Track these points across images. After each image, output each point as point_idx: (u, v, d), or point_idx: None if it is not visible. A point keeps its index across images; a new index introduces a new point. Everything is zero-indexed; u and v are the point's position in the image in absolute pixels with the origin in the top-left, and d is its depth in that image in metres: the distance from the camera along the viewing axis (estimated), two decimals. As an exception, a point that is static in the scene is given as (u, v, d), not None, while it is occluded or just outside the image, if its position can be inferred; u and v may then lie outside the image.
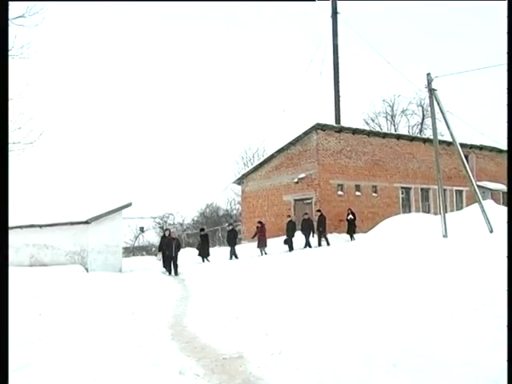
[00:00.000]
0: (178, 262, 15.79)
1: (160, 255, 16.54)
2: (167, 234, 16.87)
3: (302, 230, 19.99)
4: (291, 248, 19.25)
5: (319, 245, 19.69)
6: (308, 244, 19.62)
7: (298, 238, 19.98)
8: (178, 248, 15.86)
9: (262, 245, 19.56)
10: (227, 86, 73.79)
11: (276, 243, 20.37)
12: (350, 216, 21.26)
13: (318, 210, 21.01)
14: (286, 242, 19.72)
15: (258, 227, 20.34)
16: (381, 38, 56.79)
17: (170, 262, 15.63)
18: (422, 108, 41.56)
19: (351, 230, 21.00)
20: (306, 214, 20.95)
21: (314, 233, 19.88)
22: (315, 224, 20.30)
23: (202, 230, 20.81)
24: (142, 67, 76.41)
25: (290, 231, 19.79)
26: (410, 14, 66.79)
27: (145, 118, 76.66)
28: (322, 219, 20.14)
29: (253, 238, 20.50)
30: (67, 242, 16.83)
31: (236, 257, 18.92)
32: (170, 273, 15.44)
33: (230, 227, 20.69)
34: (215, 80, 76.10)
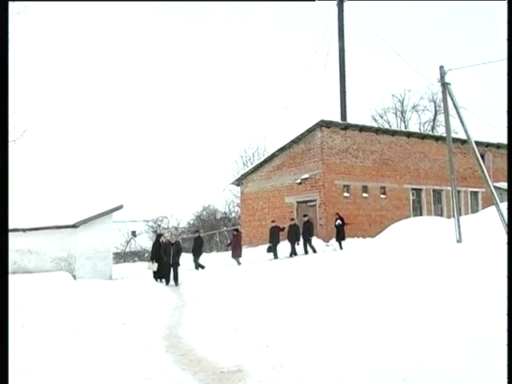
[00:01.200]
0: (179, 270, 14.76)
1: (154, 264, 15.63)
2: (165, 238, 16.12)
3: (288, 237, 19.51)
4: (276, 256, 18.81)
5: (305, 252, 19.21)
6: (294, 252, 19.16)
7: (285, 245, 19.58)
8: (178, 254, 14.73)
9: (236, 255, 18.96)
10: (225, 81, 73.95)
11: (277, 248, 20.32)
12: (338, 221, 20.62)
13: (305, 215, 20.62)
14: (269, 249, 19.24)
15: (233, 235, 19.89)
16: (389, 30, 56.93)
17: (168, 271, 14.58)
18: (435, 103, 41.59)
19: (340, 236, 20.30)
20: (293, 219, 20.50)
21: (298, 240, 19.31)
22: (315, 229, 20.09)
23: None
24: (134, 61, 76.50)
25: (273, 238, 19.38)
26: (421, 5, 66.86)
27: (136, 113, 76.78)
28: (308, 225, 19.75)
29: (228, 246, 19.88)
30: (53, 247, 16.81)
31: (202, 267, 18.09)
32: (167, 282, 14.47)
33: (197, 234, 19.91)
34: (212, 73, 76.25)
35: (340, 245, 20.04)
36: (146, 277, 16.74)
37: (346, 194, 23.73)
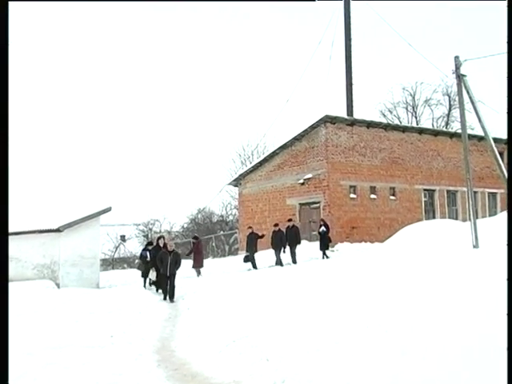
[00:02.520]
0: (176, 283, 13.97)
1: (153, 273, 15.14)
2: (161, 243, 15.72)
3: (272, 245, 19.07)
4: (254, 266, 18.40)
5: (293, 261, 18.73)
6: (279, 261, 18.66)
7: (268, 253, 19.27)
8: (177, 264, 13.87)
9: (197, 265, 18.21)
10: (222, 73, 73.96)
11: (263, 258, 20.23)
12: (323, 228, 20.14)
13: (290, 220, 20.17)
14: (246, 259, 18.73)
15: (193, 243, 19.28)
16: (399, 17, 56.96)
17: (166, 283, 13.75)
18: (449, 97, 41.53)
19: (324, 245, 19.89)
20: (276, 225, 19.80)
21: (284, 247, 18.78)
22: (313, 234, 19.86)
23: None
24: (124, 55, 76.55)
25: (250, 246, 18.92)
26: (434, -10, 66.92)
27: (124, 109, 76.79)
28: (294, 231, 19.16)
29: (187, 255, 19.15)
30: (35, 253, 16.76)
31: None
32: (165, 297, 13.63)
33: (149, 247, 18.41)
34: (207, 64, 76.29)
35: (324, 254, 19.68)
36: (136, 285, 16.71)
37: (352, 196, 23.73)
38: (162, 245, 15.60)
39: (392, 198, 25.07)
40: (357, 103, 25.57)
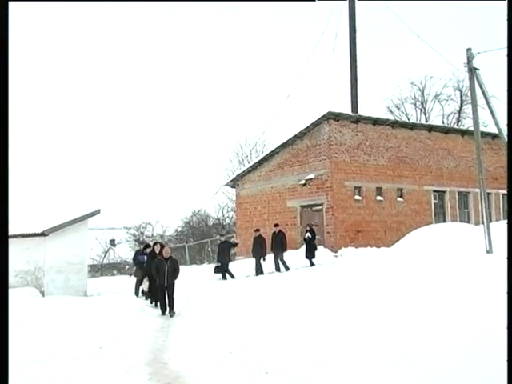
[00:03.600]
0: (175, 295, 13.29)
1: (145, 283, 14.68)
2: (157, 249, 15.29)
3: (253, 252, 19.11)
4: (224, 277, 18.25)
5: (277, 269, 18.70)
6: (259, 270, 18.62)
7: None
8: (175, 273, 13.25)
9: None
10: (218, 67, 73.98)
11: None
12: (308, 234, 20.05)
13: (276, 225, 20.07)
14: (216, 269, 18.54)
15: (137, 251, 18.00)
16: (407, 8, 56.96)
17: (163, 296, 13.05)
18: (461, 92, 41.57)
19: (310, 252, 19.70)
20: (258, 230, 19.82)
21: (264, 255, 18.74)
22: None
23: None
24: (117, 52, 76.58)
25: (223, 256, 18.76)
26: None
27: (111, 103, 76.79)
28: (280, 236, 19.13)
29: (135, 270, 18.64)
30: (18, 258, 16.68)
31: None
32: (163, 311, 12.95)
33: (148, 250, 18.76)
34: (203, 58, 76.32)
35: (311, 262, 19.50)
36: (126, 293, 16.68)
37: (357, 197, 23.73)
38: (158, 251, 15.10)
39: (399, 199, 25.08)
40: (362, 99, 25.55)
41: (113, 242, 39.20)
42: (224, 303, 12.33)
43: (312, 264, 19.47)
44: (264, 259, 18.76)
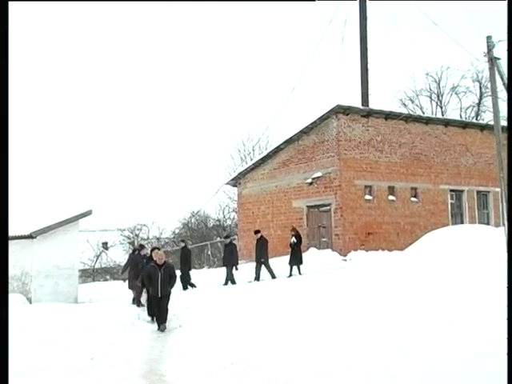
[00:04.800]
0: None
1: (144, 295, 14.02)
2: (145, 251, 15.43)
3: (224, 260, 18.99)
4: (185, 287, 17.95)
5: (257, 279, 18.37)
6: (230, 279, 18.43)
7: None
8: (171, 282, 12.61)
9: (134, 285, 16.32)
10: (218, 58, 73.94)
11: (282, 264, 20.30)
12: (293, 239, 19.67)
13: (257, 231, 19.83)
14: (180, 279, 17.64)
15: (131, 254, 17.71)
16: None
17: (157, 307, 12.39)
18: (480, 84, 41.41)
19: (295, 258, 19.29)
20: (228, 236, 19.65)
21: (236, 264, 18.59)
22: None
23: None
24: (112, 48, 76.66)
25: (184, 263, 18.52)
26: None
27: (104, 98, 76.86)
28: (262, 243, 18.92)
29: (122, 273, 18.18)
30: (4, 262, 16.79)
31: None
32: (159, 324, 12.14)
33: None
34: (204, 49, 76.31)
35: (298, 269, 19.09)
36: (120, 299, 16.69)
37: (367, 197, 23.71)
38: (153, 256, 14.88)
39: (413, 199, 25.04)
40: (373, 91, 25.50)
41: (105, 245, 39.24)
42: (225, 310, 12.34)
43: (299, 272, 18.98)
44: (236, 268, 18.54)
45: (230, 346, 8.77)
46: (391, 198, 24.35)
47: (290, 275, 18.86)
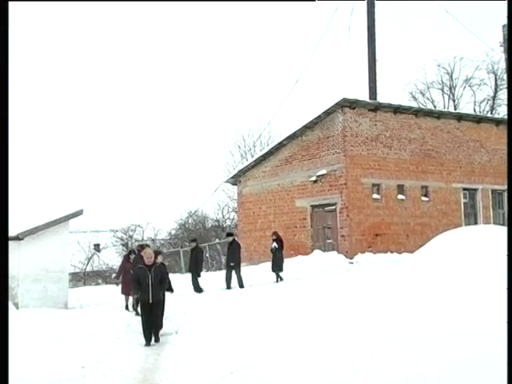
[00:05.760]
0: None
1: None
2: (136, 252, 15.38)
3: (189, 266, 18.86)
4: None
5: (228, 287, 17.99)
6: (195, 287, 18.11)
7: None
8: (162, 285, 11.73)
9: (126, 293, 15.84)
10: (217, 49, 73.93)
11: (285, 266, 20.31)
12: (274, 244, 19.48)
13: (229, 234, 19.90)
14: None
15: (123, 260, 17.20)
16: (434, -21, 56.87)
17: (148, 317, 11.39)
18: (495, 76, 41.27)
19: (277, 264, 19.11)
20: (194, 240, 19.49)
21: (199, 271, 18.31)
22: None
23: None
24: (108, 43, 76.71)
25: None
26: None
27: (98, 94, 76.89)
28: (234, 247, 18.69)
29: (117, 278, 17.41)
30: (-12, 265, 16.78)
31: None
32: (156, 336, 11.37)
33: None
34: (202, 41, 76.29)
35: (278, 276, 18.91)
36: (113, 305, 16.70)
37: (375, 196, 23.73)
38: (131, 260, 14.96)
39: (424, 199, 25.06)
40: (381, 84, 25.57)
41: (97, 247, 39.30)
42: (224, 316, 12.34)
43: (279, 279, 18.79)
44: (199, 275, 18.28)
45: (229, 353, 8.76)
46: (400, 197, 24.36)
47: (277, 281, 18.73)
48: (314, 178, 24.15)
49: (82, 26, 77.74)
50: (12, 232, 16.35)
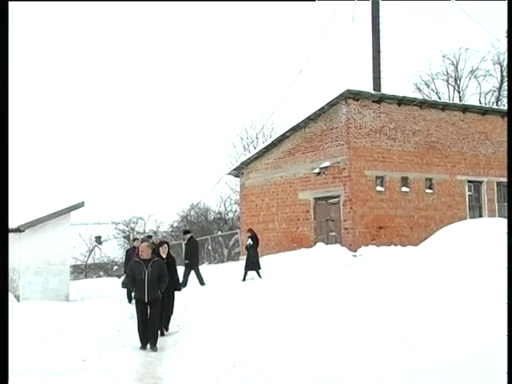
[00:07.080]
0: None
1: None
2: (134, 244, 15.54)
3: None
4: (201, 283, 17.79)
5: (184, 284, 16.79)
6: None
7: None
8: (161, 283, 10.62)
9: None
10: (219, 37, 73.72)
11: (288, 259, 20.31)
12: (249, 241, 19.30)
13: (186, 232, 19.40)
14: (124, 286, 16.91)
15: (129, 249, 17.30)
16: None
17: (144, 319, 10.44)
18: (501, 67, 41.18)
19: (251, 261, 18.79)
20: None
21: (194, 264, 18.07)
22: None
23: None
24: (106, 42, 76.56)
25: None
26: None
27: (99, 89, 76.81)
28: (192, 244, 18.48)
29: (125, 272, 17.24)
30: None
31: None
32: (144, 344, 10.21)
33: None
34: (203, 33, 76.09)
35: (258, 274, 18.63)
36: (115, 297, 16.71)
37: (379, 188, 23.69)
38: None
39: (428, 191, 25.01)
40: (386, 75, 25.43)
41: (99, 240, 39.34)
42: (226, 309, 12.34)
43: (259, 274, 18.61)
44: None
45: (231, 347, 8.76)
46: (404, 189, 24.32)
47: (244, 280, 18.49)
48: (317, 170, 24.12)
49: (82, 25, 77.88)
50: (13, 224, 16.34)
